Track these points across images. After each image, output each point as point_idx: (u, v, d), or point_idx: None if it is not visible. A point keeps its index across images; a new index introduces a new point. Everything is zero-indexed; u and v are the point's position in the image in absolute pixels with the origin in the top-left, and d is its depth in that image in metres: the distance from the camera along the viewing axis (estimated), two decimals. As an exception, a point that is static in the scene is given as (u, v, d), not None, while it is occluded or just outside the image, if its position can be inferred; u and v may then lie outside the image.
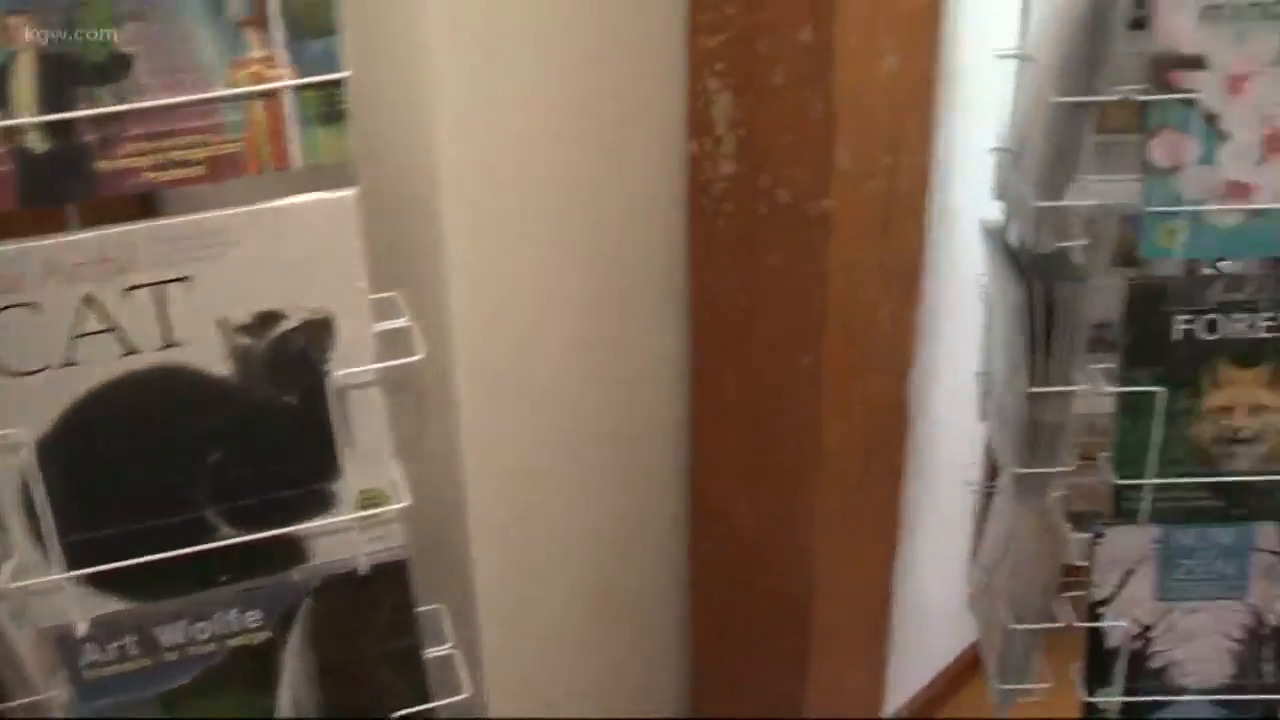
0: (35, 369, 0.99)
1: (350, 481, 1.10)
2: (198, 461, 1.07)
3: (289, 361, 1.05)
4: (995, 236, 1.56)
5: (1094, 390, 1.47)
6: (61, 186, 0.93)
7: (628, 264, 1.43)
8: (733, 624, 1.60)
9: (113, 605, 1.10)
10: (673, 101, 1.37)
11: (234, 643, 1.16)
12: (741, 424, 1.45)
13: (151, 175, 0.94)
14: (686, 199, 1.41)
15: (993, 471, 1.71)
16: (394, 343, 1.10)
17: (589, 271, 1.40)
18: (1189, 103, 1.27)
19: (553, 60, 1.28)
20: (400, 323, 1.09)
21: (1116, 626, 1.57)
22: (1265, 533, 1.56)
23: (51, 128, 0.90)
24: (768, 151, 1.28)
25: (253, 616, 1.15)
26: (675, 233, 1.45)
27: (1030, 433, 1.47)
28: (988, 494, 1.77)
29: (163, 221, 0.98)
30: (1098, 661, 1.60)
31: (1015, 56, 1.52)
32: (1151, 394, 1.39)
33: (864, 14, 1.18)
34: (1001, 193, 1.57)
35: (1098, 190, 1.45)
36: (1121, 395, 1.40)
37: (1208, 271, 1.54)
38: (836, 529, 1.43)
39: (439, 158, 1.20)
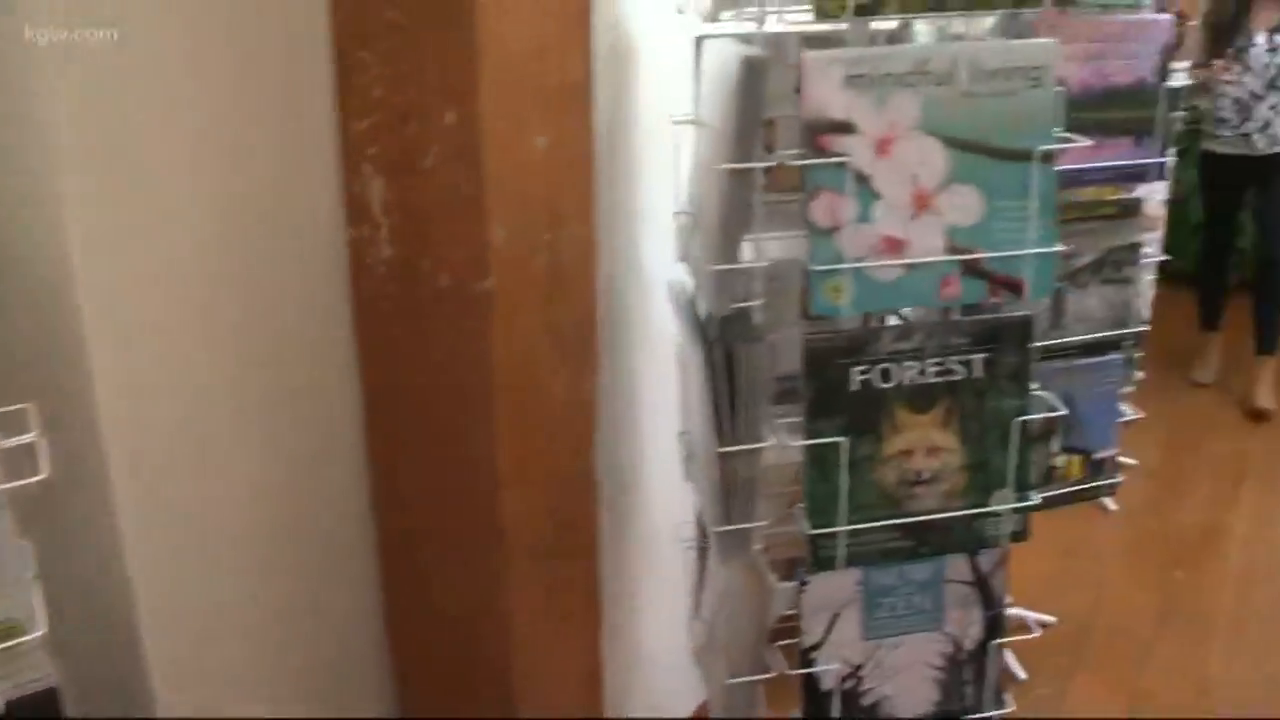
0: None
1: (-24, 617, 1.00)
2: None
3: (-106, 492, 0.95)
4: (681, 298, 1.58)
5: (781, 445, 1.51)
6: None
7: (294, 353, 1.36)
8: (440, 696, 1.55)
9: None
10: (329, 187, 1.33)
11: None
12: (426, 504, 1.41)
13: None
14: (350, 286, 1.37)
15: (705, 529, 1.73)
16: (30, 458, 1.01)
17: (252, 367, 1.33)
18: (842, 165, 1.32)
19: (196, 151, 1.21)
20: (28, 438, 1.01)
21: (828, 670, 1.61)
22: (955, 565, 1.63)
23: None
24: (425, 235, 1.25)
25: (-124, 776, 1.04)
26: (342, 320, 1.40)
27: (725, 490, 1.50)
28: (702, 551, 1.79)
29: None
30: (814, 704, 1.64)
31: (688, 122, 1.56)
32: (836, 444, 1.44)
33: (508, 95, 1.18)
34: (684, 255, 1.60)
35: (774, 248, 1.50)
36: (808, 448, 1.44)
37: (893, 322, 1.61)
38: (531, 601, 1.41)
39: (75, 262, 1.11)
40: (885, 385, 1.44)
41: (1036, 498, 1.53)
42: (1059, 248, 1.40)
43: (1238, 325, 4.07)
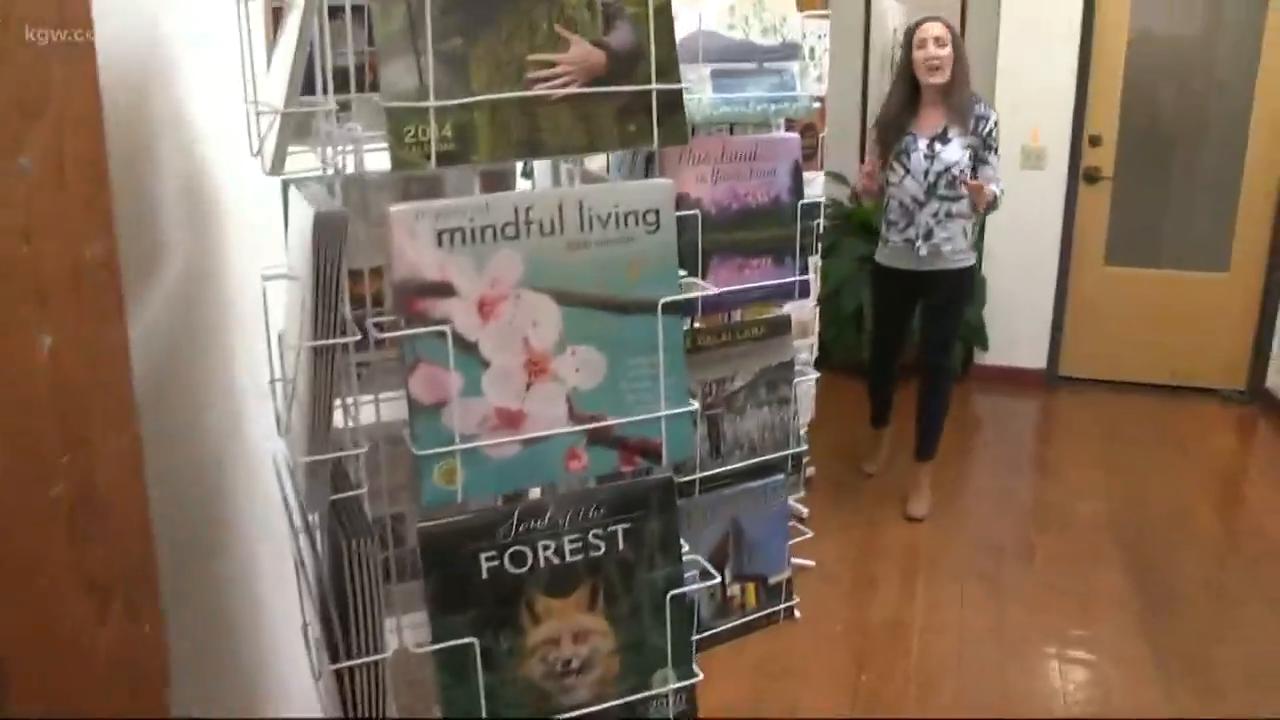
0: None
1: None
2: None
3: None
4: (283, 482, 1.36)
5: (403, 652, 1.31)
6: None
7: None
8: None
9: None
10: None
11: None
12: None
13: None
14: None
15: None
16: None
17: None
18: (442, 333, 1.15)
19: None
20: None
21: None
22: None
23: None
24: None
25: None
26: None
27: (346, 709, 1.27)
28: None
29: None
30: None
31: (279, 277, 1.35)
32: (468, 645, 1.24)
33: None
34: (284, 430, 1.37)
35: (398, 408, 1.30)
36: (437, 652, 1.24)
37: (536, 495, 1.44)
38: None
39: None
40: (519, 570, 1.27)
41: (700, 674, 1.38)
42: (693, 405, 1.27)
43: (907, 411, 4.12)
